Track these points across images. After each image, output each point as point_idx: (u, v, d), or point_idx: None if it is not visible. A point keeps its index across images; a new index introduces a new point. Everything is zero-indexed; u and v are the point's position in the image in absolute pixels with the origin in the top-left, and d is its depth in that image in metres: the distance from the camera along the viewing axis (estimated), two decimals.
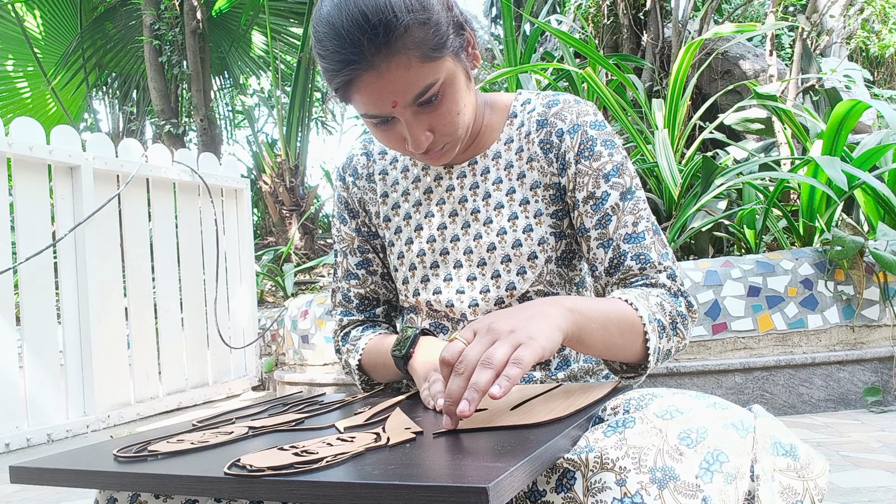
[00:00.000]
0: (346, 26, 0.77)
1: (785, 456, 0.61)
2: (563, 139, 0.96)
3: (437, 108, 0.85)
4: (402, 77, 0.80)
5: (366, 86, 0.81)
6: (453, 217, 1.00)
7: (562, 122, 0.97)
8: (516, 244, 0.96)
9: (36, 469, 0.67)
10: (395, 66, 0.79)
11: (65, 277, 3.21)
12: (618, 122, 3.21)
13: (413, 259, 1.02)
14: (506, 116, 1.02)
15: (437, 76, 0.82)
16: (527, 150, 0.98)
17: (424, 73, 0.81)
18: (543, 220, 0.96)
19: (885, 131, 2.96)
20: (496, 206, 0.98)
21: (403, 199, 1.05)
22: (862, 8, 5.84)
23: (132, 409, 3.42)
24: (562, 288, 0.98)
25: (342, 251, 1.12)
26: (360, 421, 0.75)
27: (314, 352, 3.24)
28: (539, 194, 0.97)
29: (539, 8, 6.50)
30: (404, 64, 0.79)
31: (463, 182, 1.01)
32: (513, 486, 0.48)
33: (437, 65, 0.82)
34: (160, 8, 6.42)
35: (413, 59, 0.79)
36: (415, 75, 0.80)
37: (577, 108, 0.98)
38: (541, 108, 0.99)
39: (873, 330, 2.50)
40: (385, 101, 0.82)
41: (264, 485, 0.53)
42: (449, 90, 0.85)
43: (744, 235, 2.90)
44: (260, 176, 6.54)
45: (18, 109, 7.63)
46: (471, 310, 0.97)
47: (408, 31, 0.78)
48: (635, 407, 0.64)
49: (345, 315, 1.13)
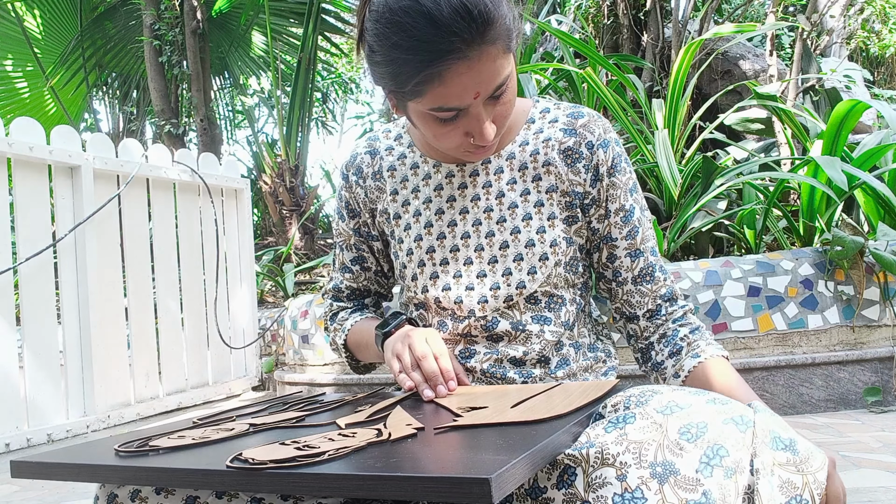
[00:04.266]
0: (449, 16, 0.77)
1: (784, 450, 0.61)
2: (595, 152, 0.99)
3: (500, 100, 0.87)
4: (489, 68, 0.82)
5: (455, 76, 0.81)
6: (464, 214, 1.01)
7: (591, 134, 1.00)
8: (529, 244, 0.97)
9: (37, 464, 0.67)
10: (486, 57, 0.81)
11: (65, 277, 3.21)
12: (618, 122, 3.21)
13: (423, 255, 1.03)
14: (524, 120, 1.04)
15: (510, 69, 0.86)
16: (543, 155, 1.00)
17: (505, 64, 0.84)
18: (556, 224, 0.98)
19: (885, 131, 2.96)
20: (510, 205, 0.99)
21: (413, 196, 1.05)
22: (862, 8, 5.84)
23: (132, 409, 3.42)
24: (566, 291, 1.00)
25: (339, 245, 1.16)
26: (361, 418, 0.76)
27: (314, 352, 3.24)
28: (554, 198, 0.99)
29: (539, 8, 6.50)
30: (493, 55, 0.81)
31: (476, 181, 1.01)
32: (514, 478, 0.49)
33: (510, 58, 0.85)
34: (160, 8, 6.42)
35: (500, 51, 0.82)
36: (499, 66, 0.83)
37: (602, 123, 1.02)
38: (564, 119, 1.02)
39: (873, 330, 2.50)
40: (469, 92, 0.83)
41: (266, 477, 0.53)
42: (511, 83, 0.87)
43: (744, 235, 2.90)
44: (260, 176, 6.54)
45: (18, 109, 7.62)
46: (479, 306, 0.98)
47: (500, 22, 0.80)
48: (636, 403, 0.65)
49: (334, 300, 1.19)
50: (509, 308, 0.98)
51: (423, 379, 0.88)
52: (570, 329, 1.00)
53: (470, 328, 0.98)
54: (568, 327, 0.99)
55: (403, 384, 0.90)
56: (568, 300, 0.99)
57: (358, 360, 1.16)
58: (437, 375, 0.87)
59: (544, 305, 0.98)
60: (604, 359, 1.04)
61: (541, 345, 0.97)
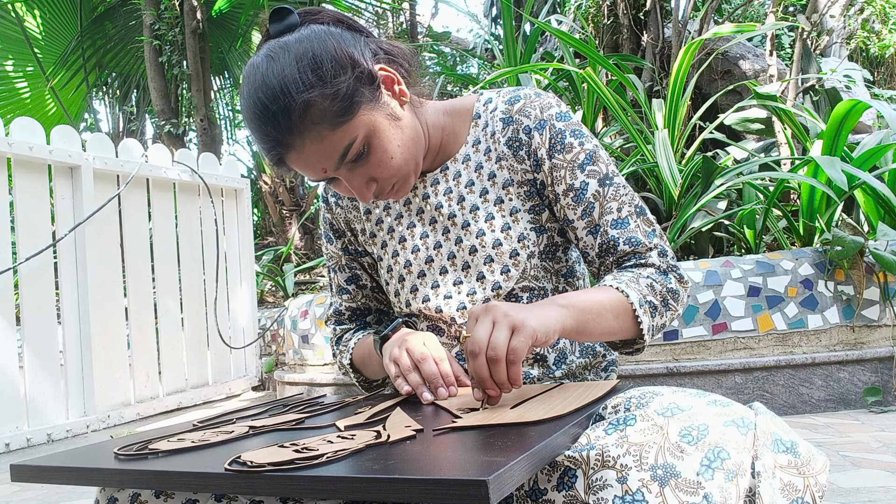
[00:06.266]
0: (254, 119, 0.83)
1: (786, 453, 0.61)
2: (532, 136, 0.96)
3: (369, 159, 0.87)
4: (318, 149, 0.84)
5: (293, 161, 0.86)
6: (433, 224, 1.01)
7: (527, 118, 0.97)
8: (496, 244, 0.96)
9: (37, 467, 0.67)
10: (308, 142, 0.83)
11: (65, 277, 3.21)
12: (618, 121, 3.21)
13: (401, 271, 1.03)
14: (469, 119, 1.02)
15: (354, 134, 0.85)
16: (494, 150, 0.99)
17: (338, 138, 0.84)
18: (521, 217, 0.97)
19: (885, 131, 2.96)
20: (471, 208, 0.98)
21: (385, 214, 1.06)
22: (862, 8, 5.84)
23: (132, 409, 3.42)
24: (548, 281, 0.98)
25: (331, 268, 1.16)
26: (361, 420, 0.75)
27: (314, 352, 3.24)
28: (512, 192, 0.98)
29: (539, 8, 6.50)
30: (316, 138, 0.83)
31: (437, 189, 1.01)
32: (512, 480, 0.48)
33: (350, 125, 0.84)
34: (160, 8, 6.41)
35: (323, 131, 0.83)
36: (329, 144, 0.84)
37: (539, 101, 0.97)
38: (503, 106, 0.99)
39: (873, 330, 2.50)
40: (315, 170, 0.86)
41: (265, 480, 0.53)
42: (374, 141, 0.87)
43: (744, 235, 2.90)
44: (260, 176, 6.54)
45: (18, 109, 7.62)
46: (459, 313, 0.97)
47: (308, 107, 0.81)
48: (636, 405, 0.64)
49: (337, 325, 1.18)
50: None
51: (421, 381, 0.88)
52: None
53: (459, 333, 0.98)
54: None
55: (401, 389, 0.89)
56: (550, 290, 0.98)
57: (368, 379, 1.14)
58: (437, 378, 0.87)
59: (526, 301, 0.96)
60: (602, 352, 1.03)
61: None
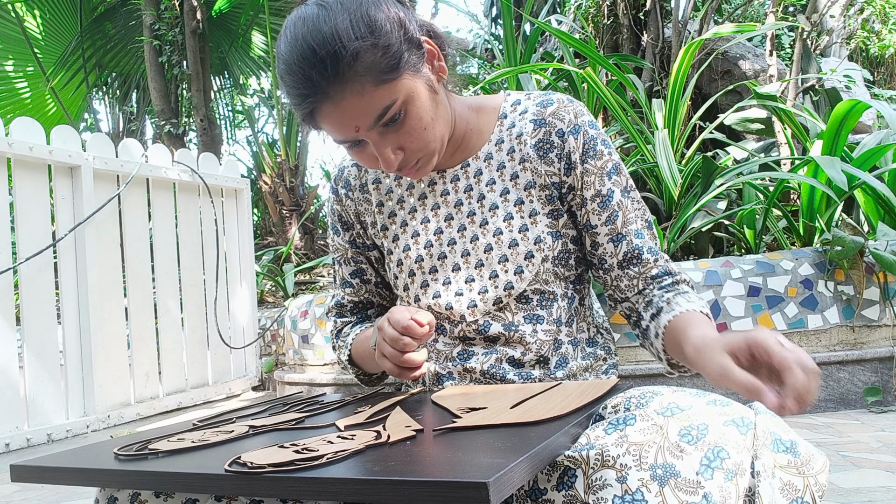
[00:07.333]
0: (297, 62, 0.80)
1: (785, 452, 0.61)
2: (566, 140, 0.97)
3: (403, 126, 0.86)
4: (357, 103, 0.82)
5: (326, 115, 0.83)
6: (449, 221, 1.01)
7: (561, 122, 0.97)
8: (513, 244, 0.96)
9: (37, 468, 0.67)
10: (349, 94, 0.81)
11: (65, 277, 3.21)
12: (618, 121, 3.21)
13: (412, 265, 1.02)
14: (496, 118, 1.02)
15: (395, 96, 0.84)
16: (519, 151, 0.99)
17: (380, 95, 0.82)
18: (539, 220, 0.97)
19: (885, 131, 2.96)
20: (491, 207, 0.99)
21: (399, 207, 1.05)
22: (862, 8, 5.84)
23: (132, 409, 3.42)
24: (557, 286, 0.99)
25: (337, 260, 1.15)
26: (361, 419, 0.75)
27: (314, 352, 3.24)
28: (534, 195, 0.98)
29: (539, 8, 6.50)
30: (358, 91, 0.81)
31: (457, 185, 1.01)
32: (513, 481, 0.48)
33: (394, 86, 0.83)
34: (160, 8, 6.41)
35: (367, 85, 0.81)
36: (370, 100, 0.82)
37: (572, 107, 0.99)
38: (534, 109, 1.00)
39: (873, 330, 2.50)
40: (347, 127, 0.84)
41: (265, 481, 0.53)
42: (411, 107, 0.86)
43: (744, 235, 2.90)
44: (260, 176, 6.54)
45: (18, 109, 7.62)
46: (469, 311, 0.97)
47: (357, 58, 0.80)
48: (636, 404, 0.64)
49: (338, 317, 1.18)
50: (500, 310, 0.97)
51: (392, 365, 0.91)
52: (566, 325, 0.99)
53: (465, 332, 0.98)
54: (561, 323, 0.98)
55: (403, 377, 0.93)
56: (559, 295, 0.98)
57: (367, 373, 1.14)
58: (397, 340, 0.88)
59: (536, 303, 0.97)
60: (603, 356, 1.03)
61: (537, 345, 0.96)
